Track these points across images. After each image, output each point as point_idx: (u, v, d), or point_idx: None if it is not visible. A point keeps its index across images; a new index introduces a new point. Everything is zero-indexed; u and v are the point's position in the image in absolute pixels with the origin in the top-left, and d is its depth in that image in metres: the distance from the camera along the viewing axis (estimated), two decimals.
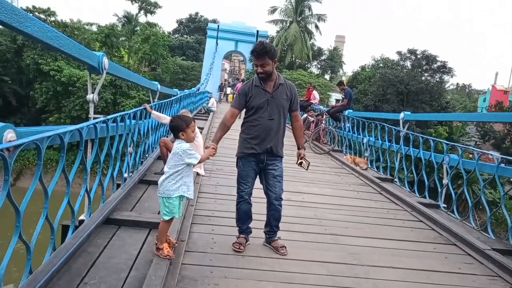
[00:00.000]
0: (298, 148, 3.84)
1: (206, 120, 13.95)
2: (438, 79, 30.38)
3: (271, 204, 3.64)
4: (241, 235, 3.70)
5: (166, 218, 3.10)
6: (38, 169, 2.65)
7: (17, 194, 2.38)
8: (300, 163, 3.75)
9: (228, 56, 48.22)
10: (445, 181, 6.39)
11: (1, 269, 2.33)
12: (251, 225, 3.77)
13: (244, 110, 3.74)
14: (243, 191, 3.65)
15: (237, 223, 3.75)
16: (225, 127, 3.70)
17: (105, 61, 4.49)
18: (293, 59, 37.91)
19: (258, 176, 3.74)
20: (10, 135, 2.33)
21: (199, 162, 3.25)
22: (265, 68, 3.49)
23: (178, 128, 3.12)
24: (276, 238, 3.72)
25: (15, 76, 27.12)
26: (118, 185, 4.87)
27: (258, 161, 3.61)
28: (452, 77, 31.74)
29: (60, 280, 2.74)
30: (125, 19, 41.03)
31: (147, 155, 6.72)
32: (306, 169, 3.78)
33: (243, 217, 3.70)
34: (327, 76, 44.41)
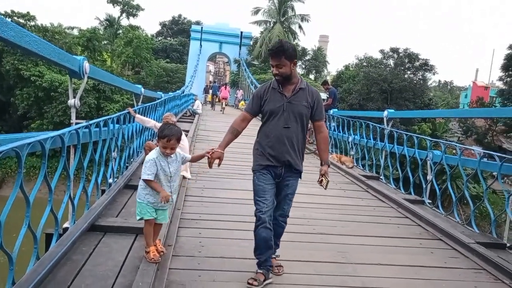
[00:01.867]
0: (321, 164, 3.32)
1: (192, 122, 13.88)
2: (420, 77, 30.78)
3: (275, 218, 3.15)
4: (258, 270, 3.07)
5: (137, 217, 3.16)
6: (18, 177, 2.59)
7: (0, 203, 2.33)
8: (321, 181, 3.27)
9: (212, 58, 48.11)
10: (429, 177, 6.47)
11: None
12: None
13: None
14: (261, 210, 3.03)
15: (255, 253, 3.11)
16: (233, 131, 3.26)
17: (86, 65, 4.42)
18: None
19: None
20: None
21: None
22: (281, 69, 3.06)
23: (158, 135, 3.13)
24: (274, 256, 3.25)
25: None
26: (103, 191, 4.81)
27: (275, 175, 3.14)
28: (434, 74, 32.21)
29: None
30: (107, 22, 40.63)
31: (132, 160, 6.64)
32: (325, 188, 3.30)
33: (262, 245, 3.05)
34: (311, 76, 44.66)
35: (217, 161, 3.11)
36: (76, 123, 4.15)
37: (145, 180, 3.02)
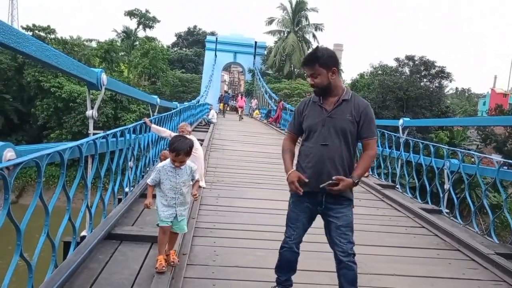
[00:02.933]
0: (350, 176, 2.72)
1: (207, 132, 13.98)
2: (437, 84, 30.44)
3: (340, 262, 2.71)
4: (276, 286, 2.96)
5: (158, 223, 3.23)
6: (38, 186, 2.66)
7: (19, 211, 2.40)
8: (329, 184, 2.63)
9: (227, 68, 48.53)
10: (446, 186, 6.37)
11: None
12: (295, 278, 2.99)
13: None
14: (289, 237, 2.85)
15: (276, 270, 2.97)
16: (284, 153, 2.94)
17: (104, 77, 4.53)
18: (292, 68, 38.11)
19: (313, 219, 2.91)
20: (9, 153, 2.34)
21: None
22: (316, 79, 2.71)
23: (168, 147, 3.20)
24: None
25: (16, 94, 27.30)
26: (120, 200, 4.87)
27: (316, 203, 2.77)
28: (451, 81, 31.81)
29: None
30: (124, 34, 41.48)
31: (148, 169, 6.73)
32: (321, 186, 2.71)
33: (284, 266, 2.92)
34: None
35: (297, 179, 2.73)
36: (94, 134, 4.24)
37: (147, 184, 3.19)
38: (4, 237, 2.60)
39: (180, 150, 3.04)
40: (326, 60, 2.68)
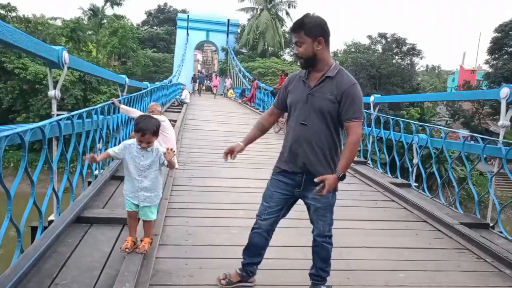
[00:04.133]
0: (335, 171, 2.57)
1: (180, 112, 13.78)
2: (408, 62, 30.97)
3: (315, 240, 2.72)
4: (237, 270, 2.84)
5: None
6: None
7: None
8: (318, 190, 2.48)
9: (200, 47, 47.64)
10: (415, 160, 6.55)
11: None
12: (261, 266, 2.89)
13: None
14: (260, 216, 2.76)
15: (242, 253, 2.86)
16: (258, 125, 2.86)
17: (65, 55, 4.33)
18: (266, 47, 37.82)
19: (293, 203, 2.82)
20: None
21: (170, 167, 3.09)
22: (300, 48, 2.50)
23: (134, 128, 3.02)
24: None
25: None
26: (89, 183, 4.77)
27: (294, 184, 2.66)
28: (421, 59, 32.56)
29: (30, 282, 2.67)
30: (91, 12, 39.78)
31: None
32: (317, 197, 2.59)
33: (250, 249, 2.82)
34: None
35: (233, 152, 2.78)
36: (58, 115, 4.08)
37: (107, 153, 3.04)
38: None
39: (145, 129, 2.87)
40: (312, 28, 2.45)
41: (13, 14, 28.20)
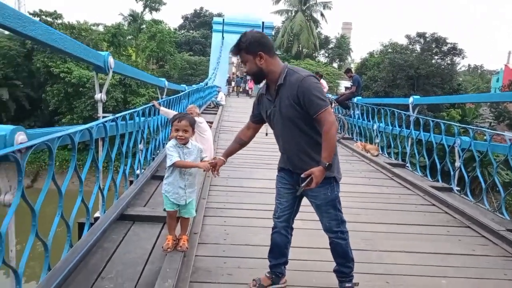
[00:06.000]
0: (319, 163, 2.51)
1: (215, 114, 14.00)
2: (448, 62, 29.82)
3: (328, 237, 2.78)
4: (266, 273, 2.88)
5: (164, 208, 3.20)
6: (50, 169, 2.72)
7: (35, 195, 2.46)
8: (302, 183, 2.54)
9: None
10: (457, 163, 6.32)
11: (21, 268, 2.41)
12: (289, 266, 2.93)
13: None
14: (274, 214, 2.87)
15: (268, 255, 2.92)
16: (237, 139, 3.00)
17: (111, 60, 4.54)
18: (300, 48, 37.68)
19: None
20: (21, 137, 2.39)
21: (184, 167, 3.07)
22: (246, 66, 2.64)
23: (171, 123, 3.17)
24: (349, 285, 2.78)
25: (26, 80, 27.49)
26: (131, 182, 4.95)
27: (294, 181, 2.72)
28: (463, 58, 31.10)
29: (78, 276, 2.82)
30: (131, 17, 41.15)
31: (158, 151, 6.80)
32: (297, 194, 2.69)
33: (274, 250, 2.87)
34: (335, 64, 44.05)
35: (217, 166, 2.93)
36: (103, 117, 4.28)
37: (174, 164, 3.01)
38: (21, 223, 2.68)
39: (182, 116, 3.06)
40: (249, 46, 2.54)
41: (59, 21, 29.60)
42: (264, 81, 2.71)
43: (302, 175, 2.52)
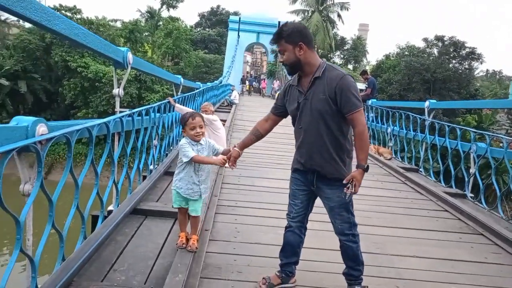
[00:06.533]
0: (356, 167, 2.56)
1: (229, 112, 14.05)
2: (466, 66, 29.38)
3: (339, 240, 2.76)
4: (276, 272, 2.89)
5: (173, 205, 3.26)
6: (68, 161, 2.77)
7: (49, 186, 2.51)
8: (347, 188, 2.53)
9: (250, 49, 48.14)
10: (472, 170, 6.24)
11: (37, 257, 2.47)
12: (299, 266, 2.94)
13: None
14: (289, 214, 2.87)
15: (279, 254, 2.93)
16: (253, 130, 2.98)
17: (130, 56, 4.61)
18: (316, 49, 37.46)
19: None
20: (42, 128, 2.44)
21: (201, 162, 3.07)
22: (283, 56, 2.62)
23: (182, 123, 3.16)
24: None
25: (44, 74, 27.99)
26: (144, 177, 5.02)
27: (308, 182, 2.74)
28: (481, 63, 30.61)
29: (91, 267, 2.88)
30: (148, 14, 41.56)
31: (171, 148, 6.86)
32: (346, 199, 2.61)
33: (286, 249, 2.88)
34: (350, 66, 43.78)
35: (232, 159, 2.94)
36: (120, 112, 4.34)
37: (192, 159, 3.00)
38: (37, 214, 2.74)
39: (193, 113, 3.11)
40: (291, 35, 2.54)
41: (78, 16, 30.04)
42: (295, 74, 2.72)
43: (344, 181, 2.52)
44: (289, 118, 2.87)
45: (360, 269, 2.77)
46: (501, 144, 5.85)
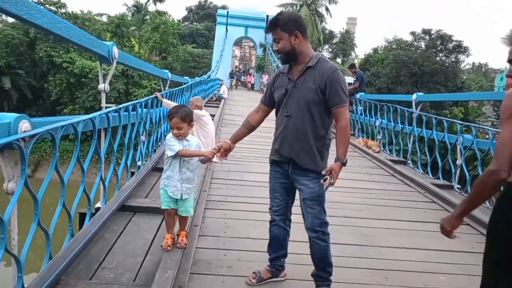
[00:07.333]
0: (335, 160, 2.55)
1: (218, 107, 13.99)
2: (453, 59, 29.75)
3: (309, 237, 2.69)
4: (266, 267, 2.89)
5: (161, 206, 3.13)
6: (53, 158, 2.71)
7: (36, 184, 2.45)
8: (324, 179, 2.50)
9: (238, 43, 47.91)
10: (459, 161, 6.32)
11: (23, 256, 2.42)
12: (288, 260, 2.93)
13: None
14: (271, 208, 2.86)
15: (267, 249, 2.91)
16: (245, 123, 2.94)
17: (115, 50, 4.53)
18: None
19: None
20: (25, 125, 2.38)
21: (189, 155, 2.99)
22: (279, 44, 2.59)
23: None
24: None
25: (29, 69, 27.49)
26: (132, 173, 4.96)
27: (286, 173, 2.72)
28: (468, 56, 31.05)
29: (79, 265, 2.85)
30: (135, 8, 41.02)
31: (159, 143, 6.80)
32: (324, 190, 2.58)
33: (273, 243, 2.87)
34: (339, 60, 43.92)
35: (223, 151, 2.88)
36: (106, 107, 4.28)
37: (178, 153, 2.92)
38: (23, 213, 2.67)
39: (174, 113, 2.95)
40: (287, 24, 2.54)
41: (63, 10, 29.51)
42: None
43: (323, 172, 2.50)
44: None
45: (329, 270, 2.70)
46: (487, 136, 5.93)
